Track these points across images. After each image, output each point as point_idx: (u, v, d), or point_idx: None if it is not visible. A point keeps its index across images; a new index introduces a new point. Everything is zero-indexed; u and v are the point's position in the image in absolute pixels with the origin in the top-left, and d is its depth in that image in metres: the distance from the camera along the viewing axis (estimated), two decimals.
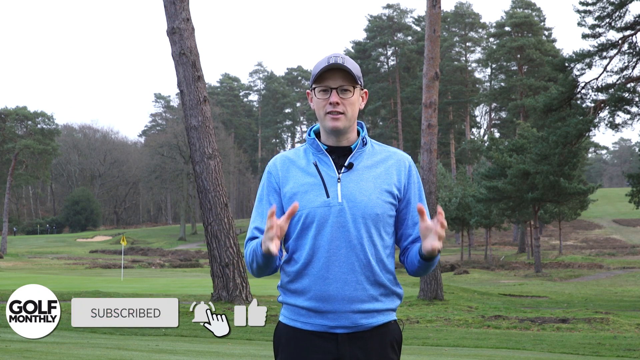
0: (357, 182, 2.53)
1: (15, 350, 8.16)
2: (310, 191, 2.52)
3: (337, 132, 2.54)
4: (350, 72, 2.52)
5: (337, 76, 2.53)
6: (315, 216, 2.50)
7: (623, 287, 31.24)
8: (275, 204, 2.49)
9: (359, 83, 2.56)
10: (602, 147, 70.22)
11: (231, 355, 8.58)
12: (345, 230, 2.48)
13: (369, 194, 2.51)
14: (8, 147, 59.37)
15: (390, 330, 2.55)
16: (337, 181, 2.52)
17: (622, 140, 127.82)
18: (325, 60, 2.52)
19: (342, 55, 2.55)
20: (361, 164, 2.56)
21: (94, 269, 40.24)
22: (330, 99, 2.52)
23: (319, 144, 2.58)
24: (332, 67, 2.51)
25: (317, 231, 2.50)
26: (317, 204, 2.50)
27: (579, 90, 28.29)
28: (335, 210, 2.49)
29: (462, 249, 50.14)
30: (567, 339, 11.95)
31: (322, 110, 2.54)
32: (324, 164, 2.56)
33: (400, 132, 69.97)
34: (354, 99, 2.55)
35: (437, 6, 19.31)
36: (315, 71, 2.55)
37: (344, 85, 2.53)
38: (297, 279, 2.53)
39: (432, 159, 19.13)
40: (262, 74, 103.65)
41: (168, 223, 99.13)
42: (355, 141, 2.60)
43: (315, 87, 2.56)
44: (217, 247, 15.51)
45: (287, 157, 2.63)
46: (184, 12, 15.83)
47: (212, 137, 15.83)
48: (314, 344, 2.49)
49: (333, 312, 2.47)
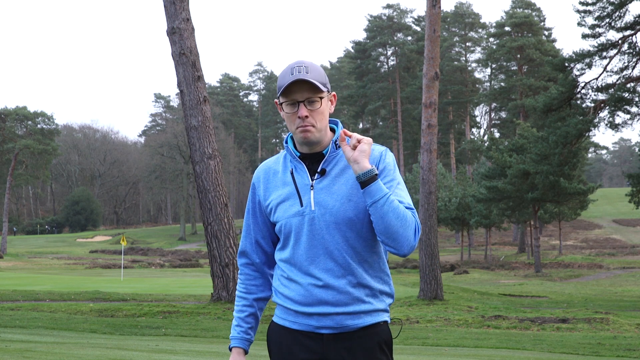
0: (329, 187, 2.53)
1: (15, 350, 8.16)
2: (287, 201, 2.55)
3: (310, 143, 2.55)
4: (314, 84, 2.50)
5: (303, 88, 2.50)
6: (292, 226, 2.53)
7: (623, 287, 31.24)
8: (259, 218, 2.65)
9: (325, 90, 2.54)
10: (602, 147, 70.21)
11: None
12: (320, 238, 2.50)
13: (341, 198, 2.50)
14: (8, 147, 59.37)
15: (379, 331, 2.54)
16: (310, 189, 2.54)
17: (622, 140, 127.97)
18: (289, 72, 2.49)
19: (306, 64, 2.51)
20: (335, 168, 2.55)
21: (94, 269, 40.24)
22: (299, 113, 2.49)
23: (293, 152, 2.58)
24: (297, 81, 2.49)
25: (295, 240, 2.53)
26: (292, 213, 2.53)
27: (579, 90, 28.28)
28: (309, 218, 2.51)
29: (462, 249, 50.14)
30: (567, 339, 11.94)
31: (293, 125, 2.54)
32: (298, 172, 2.57)
33: (400, 132, 69.97)
34: (322, 108, 2.53)
35: (437, 6, 19.31)
36: (280, 84, 2.52)
37: (311, 97, 2.50)
38: (285, 284, 2.58)
39: (432, 159, 19.13)
40: (262, 74, 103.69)
41: (168, 223, 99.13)
42: (327, 146, 2.59)
43: (282, 101, 2.54)
44: (217, 247, 15.50)
45: (269, 167, 2.66)
46: (184, 12, 15.83)
47: (212, 137, 15.83)
48: (300, 343, 2.52)
49: (318, 315, 2.50)
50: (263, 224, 2.65)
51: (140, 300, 18.64)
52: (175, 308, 15.60)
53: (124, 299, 18.76)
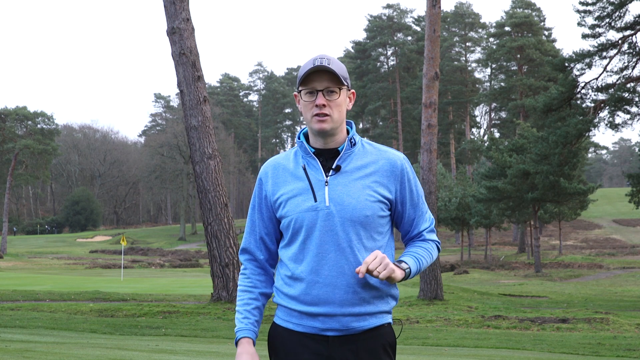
0: (344, 184, 2.52)
1: (15, 350, 8.16)
2: (299, 196, 2.53)
3: (324, 134, 2.54)
4: (335, 74, 2.52)
5: (323, 78, 2.52)
6: (304, 221, 2.51)
7: (623, 287, 31.24)
8: (265, 214, 2.62)
9: (345, 84, 2.56)
10: (602, 147, 70.21)
11: (231, 355, 8.58)
12: (333, 234, 2.49)
13: (357, 197, 2.50)
14: (8, 147, 59.38)
15: (383, 333, 2.55)
16: (324, 184, 2.53)
17: (622, 140, 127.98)
18: (311, 62, 2.52)
19: (328, 57, 2.55)
20: (350, 165, 2.55)
21: (94, 269, 40.24)
22: (317, 101, 2.51)
23: (307, 147, 2.58)
24: (318, 69, 2.51)
25: (306, 236, 2.51)
26: (305, 208, 2.51)
27: (579, 90, 28.27)
28: (323, 214, 2.49)
29: (462, 249, 50.14)
30: (567, 339, 11.94)
31: (309, 113, 2.54)
32: (312, 167, 2.56)
33: (400, 132, 69.97)
34: (340, 101, 2.55)
35: (437, 6, 19.31)
36: (301, 73, 2.55)
37: (330, 86, 2.52)
38: (289, 283, 2.55)
39: (432, 159, 19.13)
40: (262, 74, 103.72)
41: (168, 223, 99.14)
42: (343, 142, 2.59)
43: (301, 89, 2.57)
44: (217, 247, 15.50)
45: (277, 162, 2.64)
46: (184, 12, 15.83)
47: (212, 137, 15.83)
48: (305, 345, 2.51)
49: (324, 315, 2.48)
50: (269, 219, 2.63)
51: (140, 300, 18.64)
52: (175, 308, 15.60)
53: (124, 299, 18.76)
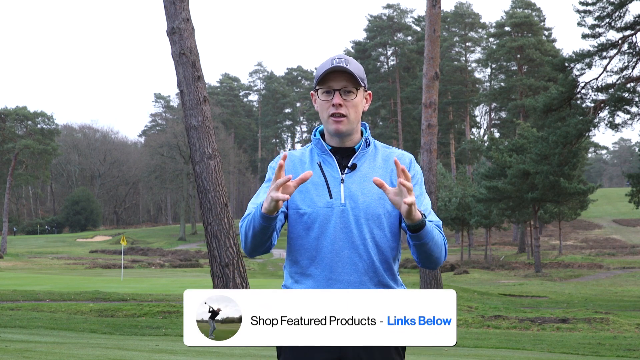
0: (359, 182, 2.54)
1: (15, 350, 8.16)
2: (314, 191, 2.53)
3: (340, 134, 2.56)
4: (353, 74, 2.53)
5: (341, 78, 2.54)
6: (318, 217, 2.51)
7: (623, 287, 31.25)
8: None
9: (362, 85, 2.57)
10: (602, 147, 70.24)
11: (231, 355, 8.58)
12: (348, 231, 2.49)
13: (371, 195, 2.52)
14: (8, 147, 59.33)
15: None
16: (340, 182, 2.54)
17: (622, 140, 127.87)
18: (329, 62, 2.54)
19: (346, 57, 2.56)
20: (364, 164, 2.57)
21: (94, 269, 40.24)
22: (333, 101, 2.53)
23: (324, 145, 2.59)
24: (336, 70, 2.53)
25: (320, 232, 2.50)
26: (320, 204, 2.51)
27: (579, 90, 28.28)
28: (338, 211, 2.50)
29: (462, 249, 50.13)
30: (567, 339, 11.94)
31: (326, 113, 2.56)
32: (327, 165, 2.57)
33: (400, 132, 69.97)
34: (357, 101, 2.56)
35: (437, 6, 19.31)
36: (319, 73, 2.57)
37: (347, 86, 2.54)
38: (300, 280, 2.54)
39: (432, 159, 19.13)
40: (262, 74, 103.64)
41: (168, 223, 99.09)
42: (358, 142, 2.61)
43: (318, 88, 2.58)
44: (217, 247, 15.49)
45: (293, 155, 2.64)
46: (184, 12, 15.82)
47: (212, 137, 15.82)
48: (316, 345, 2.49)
49: None
50: None
51: (140, 300, 18.64)
52: (175, 308, 15.60)
53: (124, 299, 18.76)
